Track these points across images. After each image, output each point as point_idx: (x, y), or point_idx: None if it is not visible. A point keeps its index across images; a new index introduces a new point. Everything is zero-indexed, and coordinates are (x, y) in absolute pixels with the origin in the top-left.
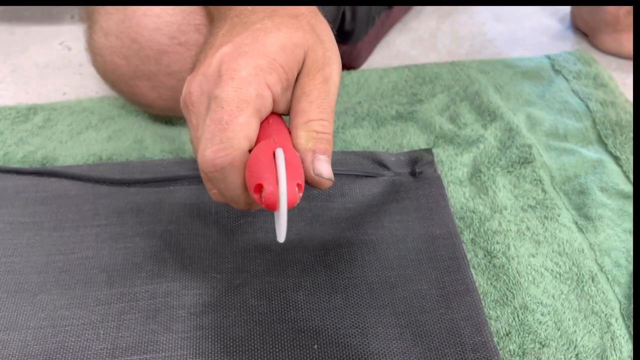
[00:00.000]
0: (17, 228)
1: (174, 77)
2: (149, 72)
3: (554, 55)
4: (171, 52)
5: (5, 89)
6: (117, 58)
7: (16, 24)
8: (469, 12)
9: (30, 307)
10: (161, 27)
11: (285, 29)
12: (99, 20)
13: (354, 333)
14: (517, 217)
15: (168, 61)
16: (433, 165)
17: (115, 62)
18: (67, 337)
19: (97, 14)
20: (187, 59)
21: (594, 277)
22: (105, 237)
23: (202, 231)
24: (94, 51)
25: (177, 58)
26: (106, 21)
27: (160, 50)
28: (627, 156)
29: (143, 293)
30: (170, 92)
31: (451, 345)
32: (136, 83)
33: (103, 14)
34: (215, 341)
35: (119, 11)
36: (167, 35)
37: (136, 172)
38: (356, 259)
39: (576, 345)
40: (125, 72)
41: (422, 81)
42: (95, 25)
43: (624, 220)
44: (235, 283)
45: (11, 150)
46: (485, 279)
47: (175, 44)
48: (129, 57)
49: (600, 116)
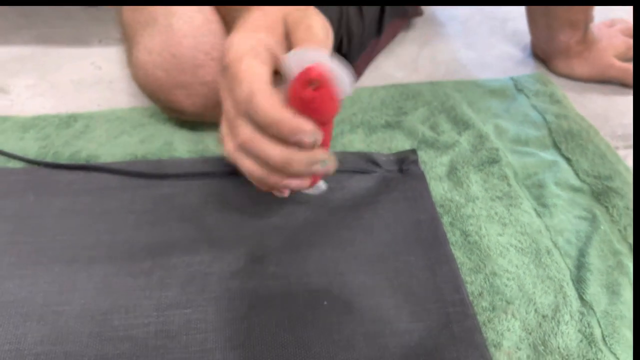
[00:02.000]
0: (69, 213)
1: (207, 86)
2: (185, 82)
3: (516, 77)
4: (205, 66)
5: (47, 101)
6: (158, 71)
7: (50, 46)
8: (445, 40)
9: (85, 275)
10: (198, 45)
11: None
12: (142, 41)
13: (356, 292)
14: (487, 205)
15: (203, 73)
16: (417, 164)
17: (156, 74)
18: (119, 296)
19: (139, 36)
20: (218, 71)
21: (549, 251)
22: (144, 221)
23: (226, 216)
24: (137, 66)
25: (210, 71)
26: (150, 42)
27: (197, 65)
28: (576, 158)
29: (180, 263)
30: (203, 99)
31: (435, 301)
32: (174, 92)
33: (146, 36)
34: (242, 300)
35: (161, 33)
36: (203, 52)
37: (168, 168)
38: (355, 239)
39: (535, 302)
40: (165, 83)
41: (406, 97)
42: (139, 45)
43: (574, 208)
44: (257, 255)
45: (59, 150)
46: (461, 252)
47: (209, 59)
48: (169, 70)
49: (555, 126)
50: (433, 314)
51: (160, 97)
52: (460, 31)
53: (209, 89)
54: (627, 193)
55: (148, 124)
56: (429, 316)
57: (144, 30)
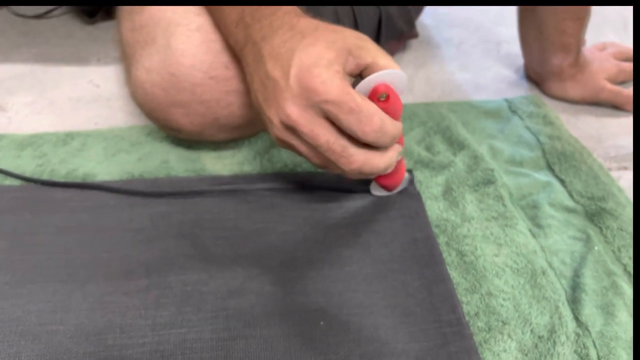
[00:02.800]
0: (65, 231)
1: (204, 105)
2: (183, 101)
3: (511, 99)
4: (203, 85)
5: (45, 119)
6: (157, 90)
7: (49, 64)
8: (440, 62)
9: (80, 294)
10: (196, 64)
11: (321, 40)
12: (141, 60)
13: (353, 312)
14: (483, 225)
15: (201, 92)
16: (413, 184)
17: (155, 93)
18: (114, 316)
19: (138, 55)
20: (216, 90)
21: (545, 272)
22: (141, 239)
23: (223, 234)
24: (136, 85)
25: (208, 89)
26: (149, 60)
27: (195, 83)
28: (570, 179)
29: (176, 282)
30: (200, 118)
31: (431, 322)
32: (172, 110)
33: (145, 55)
34: (239, 319)
35: (159, 52)
36: (201, 71)
37: (165, 186)
38: (353, 256)
39: (531, 323)
40: (163, 102)
41: (402, 118)
42: (138, 64)
43: (568, 229)
44: (254, 273)
45: (56, 168)
46: (457, 272)
47: (207, 77)
48: (167, 89)
49: (549, 147)
50: (430, 334)
51: (159, 115)
52: (455, 53)
53: (206, 108)
54: (620, 214)
55: (145, 142)
56: (426, 336)
57: (142, 50)
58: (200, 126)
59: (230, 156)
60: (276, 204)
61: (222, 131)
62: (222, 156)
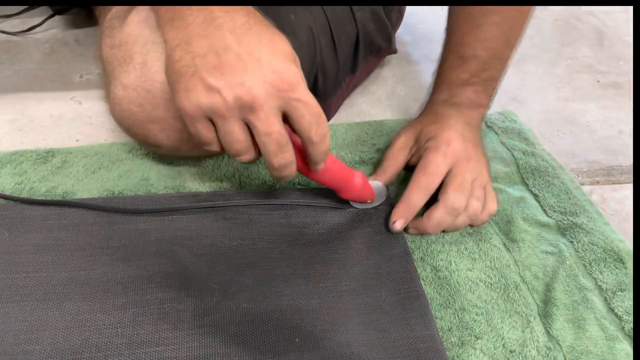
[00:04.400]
0: (43, 249)
1: (179, 121)
2: (159, 117)
3: (487, 114)
4: None
5: (25, 136)
6: (133, 106)
7: (31, 81)
8: (419, 78)
9: (57, 312)
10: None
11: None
12: (119, 77)
13: (327, 329)
14: (457, 240)
15: (175, 108)
16: (389, 200)
17: (131, 109)
18: (91, 334)
19: (116, 73)
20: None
21: (518, 286)
22: (119, 256)
23: (200, 251)
24: (114, 101)
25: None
26: (126, 78)
27: (169, 99)
28: (543, 194)
29: (154, 300)
30: (177, 133)
31: (405, 337)
32: (149, 126)
33: (122, 72)
34: (215, 336)
35: (136, 69)
36: None
37: (144, 203)
38: (328, 273)
39: (503, 337)
40: (140, 118)
41: (380, 134)
42: (116, 81)
43: (541, 243)
44: (230, 291)
45: (35, 186)
46: (432, 287)
47: None
48: (143, 105)
49: (523, 163)
50: (404, 351)
51: (137, 131)
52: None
53: (182, 124)
54: (591, 229)
55: (126, 159)
56: (400, 352)
57: (120, 67)
58: (177, 142)
59: (210, 173)
60: (253, 221)
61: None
62: (201, 173)
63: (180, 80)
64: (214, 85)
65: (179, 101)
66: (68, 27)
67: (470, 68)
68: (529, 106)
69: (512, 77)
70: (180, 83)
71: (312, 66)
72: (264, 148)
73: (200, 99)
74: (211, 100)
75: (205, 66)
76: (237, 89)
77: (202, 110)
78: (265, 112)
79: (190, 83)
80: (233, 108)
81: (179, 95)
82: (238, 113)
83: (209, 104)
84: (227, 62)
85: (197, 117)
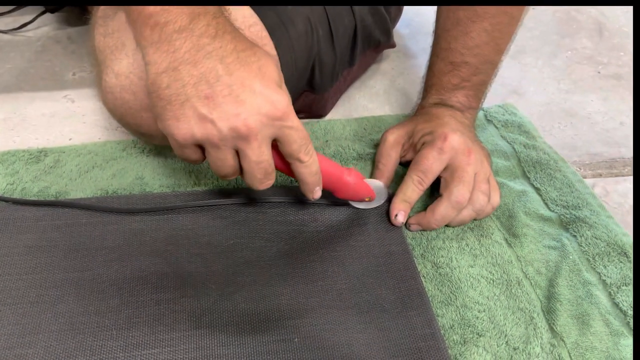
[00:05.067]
0: (36, 251)
1: None
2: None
3: (486, 108)
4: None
5: (17, 136)
6: (125, 94)
7: (23, 79)
8: (417, 73)
9: (51, 315)
10: None
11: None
12: (111, 65)
13: (327, 328)
14: (458, 237)
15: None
16: (389, 196)
17: (124, 97)
18: (85, 337)
19: (108, 61)
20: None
21: (520, 282)
22: (114, 257)
23: (197, 250)
24: (106, 90)
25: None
26: (118, 65)
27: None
28: (545, 188)
29: (149, 301)
30: None
31: (406, 336)
32: (142, 115)
33: (114, 59)
34: (212, 338)
35: (129, 56)
36: None
37: (138, 203)
38: (327, 271)
39: (506, 334)
40: (133, 106)
41: (379, 130)
42: (108, 69)
43: (543, 237)
44: (227, 291)
45: (27, 186)
46: (433, 285)
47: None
48: (136, 93)
49: (524, 156)
50: (404, 349)
51: (130, 120)
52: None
53: None
54: (595, 222)
55: (120, 157)
56: (401, 352)
57: (112, 55)
58: None
59: (205, 170)
60: (250, 219)
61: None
62: (197, 170)
63: (168, 107)
64: (207, 116)
65: (168, 128)
66: (60, 25)
67: (461, 74)
68: (529, 99)
69: (511, 70)
70: (169, 111)
71: (310, 57)
72: (250, 173)
73: (193, 129)
74: (205, 131)
75: (196, 96)
76: (233, 120)
77: (195, 139)
78: (259, 142)
79: (180, 112)
80: (227, 138)
81: (169, 123)
82: (231, 142)
83: (202, 134)
84: (220, 93)
85: (187, 145)
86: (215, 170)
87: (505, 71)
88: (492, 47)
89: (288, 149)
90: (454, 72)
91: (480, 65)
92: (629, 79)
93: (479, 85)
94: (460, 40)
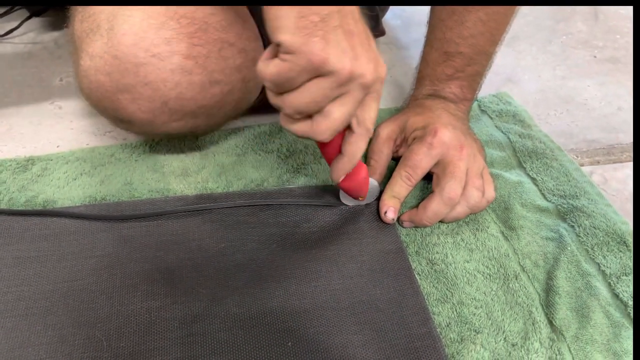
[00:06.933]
0: (24, 262)
1: (150, 87)
2: (128, 84)
3: (479, 98)
4: (147, 64)
5: (4, 145)
6: (100, 76)
7: (10, 87)
8: (409, 64)
9: (40, 327)
10: (138, 42)
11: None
12: (86, 48)
13: (321, 331)
14: (453, 231)
15: (144, 72)
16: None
17: (99, 79)
18: (75, 349)
19: (84, 45)
20: (160, 69)
21: (517, 276)
22: (103, 265)
23: (187, 255)
24: (80, 74)
25: (151, 69)
26: (91, 46)
27: (137, 63)
28: (542, 177)
29: (139, 309)
30: (148, 102)
31: (402, 336)
32: (118, 97)
33: (89, 42)
34: (204, 345)
35: (102, 37)
36: (142, 49)
37: (127, 209)
38: (321, 271)
39: (504, 330)
40: (108, 88)
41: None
42: (82, 52)
43: (540, 229)
44: (219, 296)
45: (15, 196)
46: (428, 282)
47: (149, 56)
48: (111, 73)
49: (519, 146)
50: (400, 350)
51: (107, 105)
52: None
53: (153, 90)
54: (593, 211)
55: (108, 163)
56: (397, 352)
57: (87, 38)
58: (150, 113)
59: (195, 173)
60: (241, 222)
61: (174, 118)
62: (186, 174)
63: (319, 27)
64: (361, 54)
65: (313, 46)
66: (46, 30)
67: (455, 64)
68: (523, 86)
69: (505, 57)
70: (319, 30)
71: None
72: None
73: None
74: (364, 69)
75: (336, 36)
76: (377, 68)
77: (349, 74)
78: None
79: (332, 36)
80: (376, 82)
81: (314, 40)
82: (333, 84)
83: (360, 70)
84: (360, 42)
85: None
86: (328, 115)
87: (500, 59)
88: (487, 37)
89: (367, 114)
90: (448, 62)
91: (474, 56)
92: (626, 63)
93: (473, 76)
94: (456, 30)
